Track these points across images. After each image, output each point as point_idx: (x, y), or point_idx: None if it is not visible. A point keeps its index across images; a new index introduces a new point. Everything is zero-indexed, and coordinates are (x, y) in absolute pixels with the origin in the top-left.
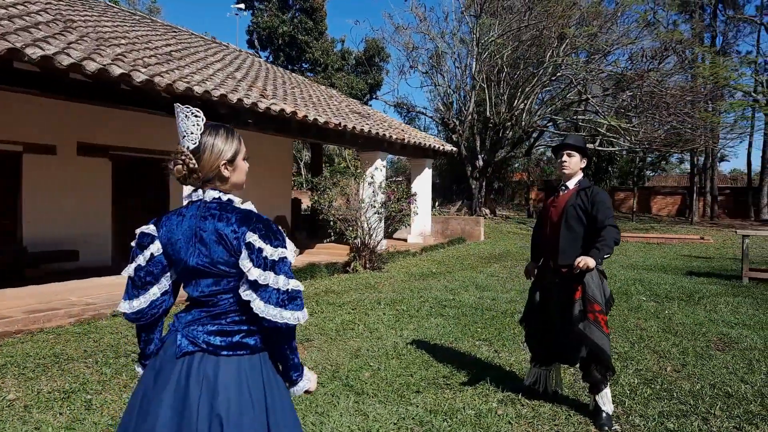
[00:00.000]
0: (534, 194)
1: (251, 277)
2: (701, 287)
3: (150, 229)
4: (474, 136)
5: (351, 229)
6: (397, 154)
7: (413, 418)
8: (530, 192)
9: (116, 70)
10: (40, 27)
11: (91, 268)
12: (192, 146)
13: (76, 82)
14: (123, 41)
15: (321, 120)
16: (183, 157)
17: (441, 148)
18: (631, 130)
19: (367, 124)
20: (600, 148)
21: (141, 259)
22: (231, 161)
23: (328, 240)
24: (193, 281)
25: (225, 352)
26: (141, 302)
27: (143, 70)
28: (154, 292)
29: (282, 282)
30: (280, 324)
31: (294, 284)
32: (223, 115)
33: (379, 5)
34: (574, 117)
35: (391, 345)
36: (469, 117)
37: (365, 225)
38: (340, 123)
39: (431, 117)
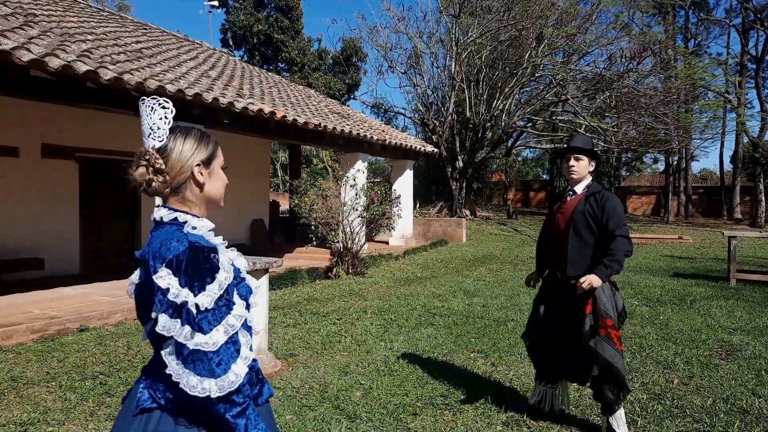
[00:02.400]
0: (512, 194)
1: (158, 328)
2: (690, 290)
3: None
4: (454, 137)
5: (333, 233)
6: (377, 155)
7: None
8: (508, 192)
9: (82, 68)
10: None
11: (57, 277)
12: (158, 144)
13: (38, 80)
14: (90, 37)
15: (300, 120)
16: (147, 157)
17: (422, 149)
18: (609, 130)
19: (348, 124)
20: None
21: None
22: (206, 163)
23: (308, 245)
24: (142, 318)
25: (182, 412)
26: None
27: (111, 67)
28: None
29: (185, 334)
30: (192, 394)
31: (200, 340)
32: (197, 115)
33: (355, 5)
34: (553, 117)
35: (382, 359)
36: (449, 117)
37: (347, 229)
38: (320, 123)
39: (410, 117)
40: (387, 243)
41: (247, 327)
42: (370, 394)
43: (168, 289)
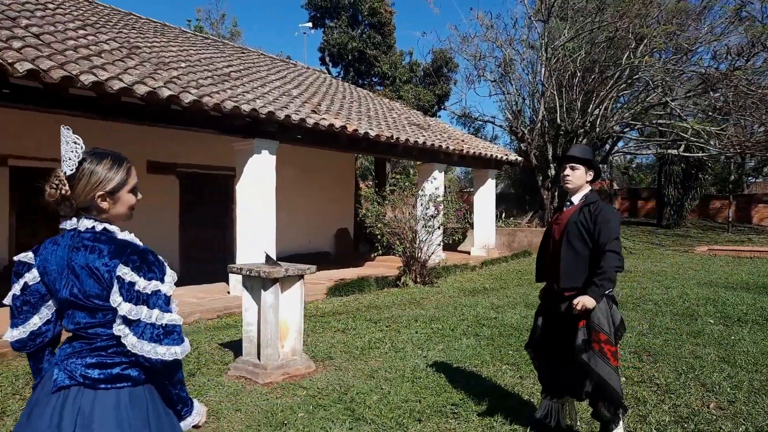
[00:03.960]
0: (617, 204)
1: (121, 312)
2: None
3: (27, 257)
4: (545, 145)
5: (398, 242)
6: (456, 165)
7: None
8: (613, 202)
9: (165, 92)
10: (102, 55)
11: None
12: (69, 172)
13: (131, 105)
14: (183, 64)
15: (372, 133)
16: (56, 182)
17: (505, 158)
18: (717, 134)
19: (423, 135)
20: (685, 154)
21: (16, 288)
22: (112, 192)
23: (375, 254)
24: (68, 312)
25: (103, 386)
26: (21, 332)
27: (193, 91)
28: (35, 321)
29: (156, 316)
30: (155, 360)
31: (170, 318)
32: (271, 131)
33: (446, 17)
34: (654, 122)
35: (411, 367)
36: (539, 125)
37: (412, 237)
38: (392, 136)
39: (500, 126)
40: (468, 253)
41: None
42: (385, 399)
43: (135, 282)
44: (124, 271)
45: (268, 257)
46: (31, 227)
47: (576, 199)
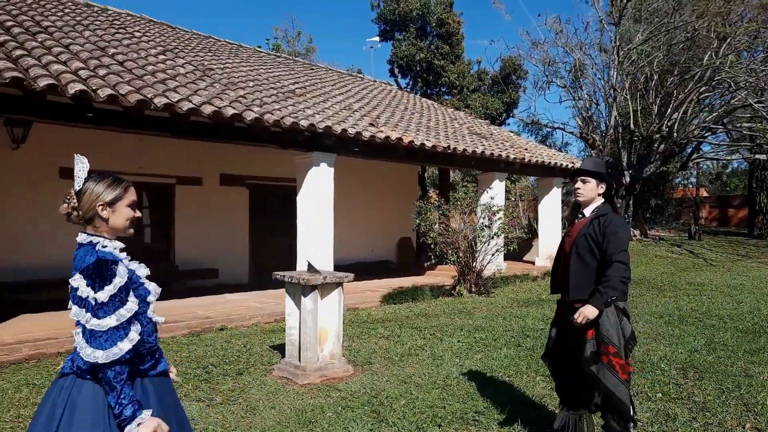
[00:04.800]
0: (705, 212)
1: (71, 314)
2: None
3: None
4: (619, 151)
5: (452, 251)
6: (517, 174)
7: None
8: (700, 210)
9: (229, 111)
10: (177, 78)
11: (228, 285)
12: (77, 188)
13: (200, 124)
14: (251, 83)
15: (428, 144)
16: (68, 198)
17: (571, 165)
18: None
19: (482, 145)
20: None
21: None
22: (111, 203)
23: (428, 263)
24: None
25: (88, 376)
26: None
27: (256, 109)
28: None
29: (86, 318)
30: (84, 359)
31: (95, 323)
32: (329, 145)
33: (515, 23)
34: (739, 125)
35: (445, 374)
36: (611, 131)
37: (467, 247)
38: (448, 146)
39: (571, 132)
40: (533, 263)
41: (147, 318)
42: (412, 404)
43: (78, 288)
44: (76, 278)
45: (309, 265)
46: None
47: (587, 211)
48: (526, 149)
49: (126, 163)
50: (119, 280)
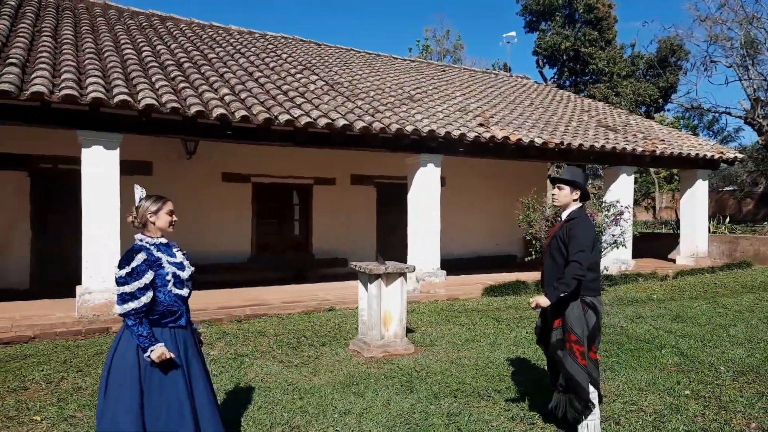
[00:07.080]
0: None
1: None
2: None
3: None
4: None
5: None
6: (650, 167)
7: (418, 413)
8: None
9: (340, 122)
10: (306, 95)
11: (354, 273)
12: (137, 204)
13: (317, 134)
14: (372, 93)
15: (538, 141)
16: (132, 211)
17: (718, 156)
18: None
19: (604, 138)
20: None
21: None
22: (155, 212)
23: (528, 258)
24: None
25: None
26: None
27: (366, 118)
28: None
29: (115, 289)
30: (116, 312)
31: (118, 290)
32: (434, 146)
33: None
34: None
35: (491, 359)
36: None
37: None
38: (561, 141)
39: (739, 116)
40: (674, 261)
41: (166, 291)
42: (444, 380)
43: (114, 271)
44: (115, 264)
45: (378, 257)
46: (264, 228)
47: (564, 215)
48: (663, 140)
49: (276, 167)
50: (136, 263)
